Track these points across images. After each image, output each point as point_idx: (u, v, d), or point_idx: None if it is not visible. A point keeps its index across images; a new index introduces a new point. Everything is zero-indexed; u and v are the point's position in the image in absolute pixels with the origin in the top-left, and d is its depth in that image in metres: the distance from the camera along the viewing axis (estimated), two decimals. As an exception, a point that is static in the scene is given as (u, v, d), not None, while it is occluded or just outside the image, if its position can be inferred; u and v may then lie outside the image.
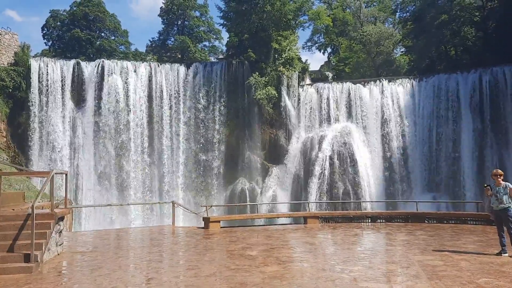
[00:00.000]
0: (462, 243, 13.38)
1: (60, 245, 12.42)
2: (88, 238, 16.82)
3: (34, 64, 43.34)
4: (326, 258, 11.30)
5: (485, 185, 12.16)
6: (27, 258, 10.05)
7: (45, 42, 66.13)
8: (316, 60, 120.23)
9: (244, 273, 9.31)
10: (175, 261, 11.06)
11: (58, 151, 42.89)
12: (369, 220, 20.20)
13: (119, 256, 11.90)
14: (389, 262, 10.56)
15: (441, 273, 9.09)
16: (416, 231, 16.51)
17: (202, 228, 18.89)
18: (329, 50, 71.82)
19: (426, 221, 19.60)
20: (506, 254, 11.22)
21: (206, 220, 18.87)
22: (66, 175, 12.92)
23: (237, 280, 8.62)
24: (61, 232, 12.50)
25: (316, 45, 72.55)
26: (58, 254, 12.05)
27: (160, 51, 65.40)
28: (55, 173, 11.88)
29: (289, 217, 21.95)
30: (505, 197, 11.55)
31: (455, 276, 8.81)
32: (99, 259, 11.51)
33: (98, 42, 61.94)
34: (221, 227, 19.04)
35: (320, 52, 72.85)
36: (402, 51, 63.06)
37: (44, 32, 65.28)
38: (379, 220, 20.14)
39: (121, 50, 66.31)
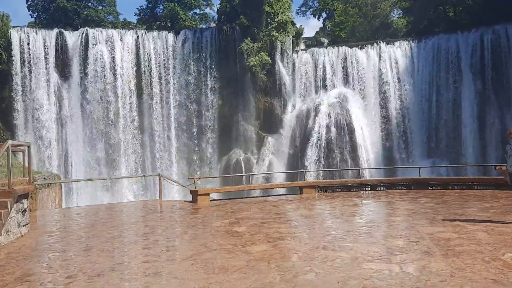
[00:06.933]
0: (474, 211, 12.06)
1: (24, 225, 11.06)
2: (65, 215, 15.53)
3: (15, 34, 41.29)
4: (322, 233, 9.95)
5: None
6: (-24, 243, 8.69)
7: (30, 14, 63.64)
8: (311, 27, 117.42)
9: (227, 254, 7.96)
10: (151, 241, 9.71)
11: (45, 124, 41.28)
12: (369, 188, 19.00)
13: (89, 236, 10.56)
14: (395, 236, 9.18)
15: (457, 248, 7.72)
16: (420, 199, 15.20)
17: (190, 202, 17.62)
18: (324, 15, 69.59)
19: (429, 188, 18.42)
20: (524, 222, 9.94)
21: (194, 193, 17.56)
22: (28, 147, 11.45)
23: (217, 264, 7.27)
24: (25, 211, 11.13)
25: (311, 10, 70.37)
26: (22, 236, 10.72)
27: (149, 20, 62.90)
28: (13, 145, 10.44)
29: (283, 187, 20.70)
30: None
31: (475, 251, 7.45)
32: (66, 240, 10.18)
33: (85, 12, 59.46)
34: (211, 200, 17.78)
35: (315, 17, 70.71)
36: (399, 13, 60.80)
37: (29, 3, 62.68)
38: (379, 188, 18.94)
39: (110, 20, 63.87)
